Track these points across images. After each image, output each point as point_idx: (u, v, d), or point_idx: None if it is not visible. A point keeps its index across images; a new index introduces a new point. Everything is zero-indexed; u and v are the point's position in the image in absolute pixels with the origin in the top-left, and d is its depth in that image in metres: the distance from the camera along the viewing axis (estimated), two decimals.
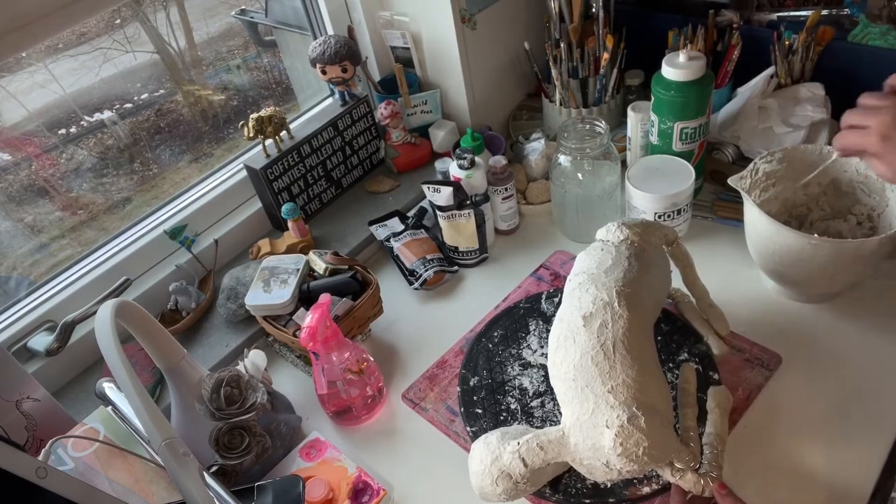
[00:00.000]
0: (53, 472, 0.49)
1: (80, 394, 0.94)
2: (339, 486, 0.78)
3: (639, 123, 1.05)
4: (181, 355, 0.77)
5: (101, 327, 0.60)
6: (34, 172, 1.27)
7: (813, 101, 1.01)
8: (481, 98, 1.23)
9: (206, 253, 1.07)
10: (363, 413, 0.87)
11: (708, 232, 1.03)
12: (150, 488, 0.69)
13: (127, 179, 1.42)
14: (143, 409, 0.56)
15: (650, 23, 1.17)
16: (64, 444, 0.71)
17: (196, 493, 0.54)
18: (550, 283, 1.00)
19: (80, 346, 0.94)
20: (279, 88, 1.70)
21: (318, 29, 1.22)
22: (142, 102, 1.50)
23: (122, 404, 0.74)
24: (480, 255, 1.06)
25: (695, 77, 0.93)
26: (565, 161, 0.99)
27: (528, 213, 1.13)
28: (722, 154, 1.07)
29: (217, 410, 0.75)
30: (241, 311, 0.98)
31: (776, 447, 0.75)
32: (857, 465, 0.72)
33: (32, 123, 1.27)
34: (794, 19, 1.09)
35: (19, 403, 0.77)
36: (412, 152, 1.22)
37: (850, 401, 0.78)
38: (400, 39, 1.20)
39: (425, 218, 1.12)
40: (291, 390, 0.92)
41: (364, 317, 0.93)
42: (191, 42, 1.59)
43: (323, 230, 1.14)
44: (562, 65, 1.16)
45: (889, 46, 1.00)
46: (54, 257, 1.20)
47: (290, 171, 1.10)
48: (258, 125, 1.05)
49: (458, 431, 0.83)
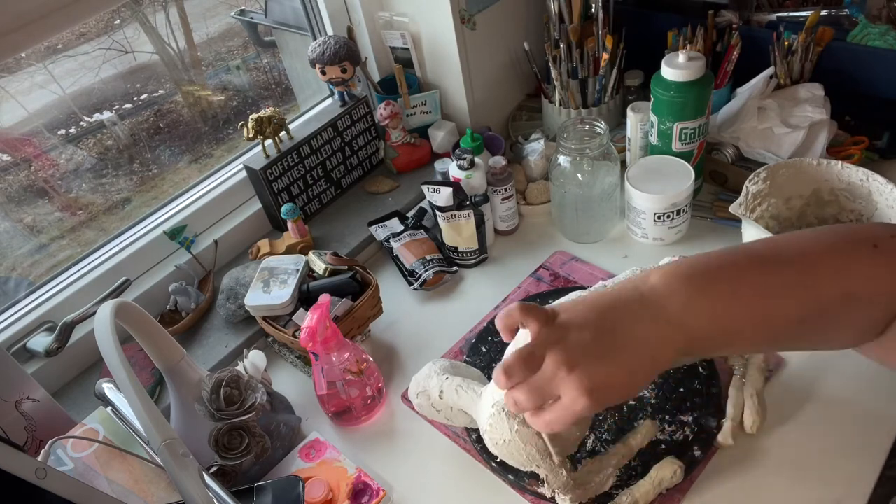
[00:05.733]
0: (53, 472, 0.49)
1: (79, 394, 0.94)
2: (339, 487, 0.78)
3: (638, 124, 1.05)
4: (181, 356, 0.77)
5: (100, 328, 0.60)
6: (34, 173, 1.27)
7: (812, 102, 1.01)
8: (481, 98, 1.23)
9: (205, 253, 1.07)
10: (363, 413, 0.87)
11: (707, 232, 1.03)
12: (149, 489, 0.69)
13: (126, 180, 1.42)
14: (142, 410, 0.55)
15: (650, 23, 1.17)
16: (63, 444, 0.71)
17: (195, 493, 0.54)
18: (550, 284, 1.00)
19: (79, 347, 0.94)
20: (279, 89, 1.70)
21: (318, 29, 1.22)
22: (141, 103, 1.50)
23: (121, 405, 0.73)
24: (480, 256, 1.06)
25: (694, 77, 0.93)
26: (565, 161, 0.99)
27: (528, 214, 1.13)
28: (721, 154, 1.07)
29: (216, 411, 0.75)
30: (240, 312, 0.98)
31: (775, 447, 0.75)
32: (856, 465, 0.72)
33: (32, 124, 1.27)
34: (793, 20, 1.09)
35: (19, 404, 0.77)
36: (412, 153, 1.22)
37: (850, 401, 0.77)
38: (399, 40, 1.20)
39: (425, 218, 1.12)
40: (291, 391, 0.92)
41: (364, 317, 0.93)
42: (190, 42, 1.60)
43: (322, 231, 1.14)
44: (561, 65, 1.16)
45: (888, 47, 1.00)
46: (54, 258, 1.20)
47: (289, 172, 1.10)
48: (258, 126, 1.05)
49: (458, 432, 0.83)
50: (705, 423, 0.77)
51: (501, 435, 0.65)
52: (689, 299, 0.51)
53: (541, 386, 0.51)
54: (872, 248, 0.53)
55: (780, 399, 0.79)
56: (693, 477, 0.73)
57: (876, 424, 0.75)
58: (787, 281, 0.52)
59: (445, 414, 0.76)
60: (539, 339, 0.52)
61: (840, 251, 0.53)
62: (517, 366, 0.51)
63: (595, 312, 0.52)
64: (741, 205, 0.87)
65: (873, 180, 0.85)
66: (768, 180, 0.90)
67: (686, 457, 0.74)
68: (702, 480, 0.73)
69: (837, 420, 0.76)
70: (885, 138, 1.04)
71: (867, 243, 0.53)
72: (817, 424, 0.76)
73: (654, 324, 0.51)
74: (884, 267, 0.52)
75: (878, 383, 0.78)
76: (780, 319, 0.52)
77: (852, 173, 0.87)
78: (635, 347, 0.51)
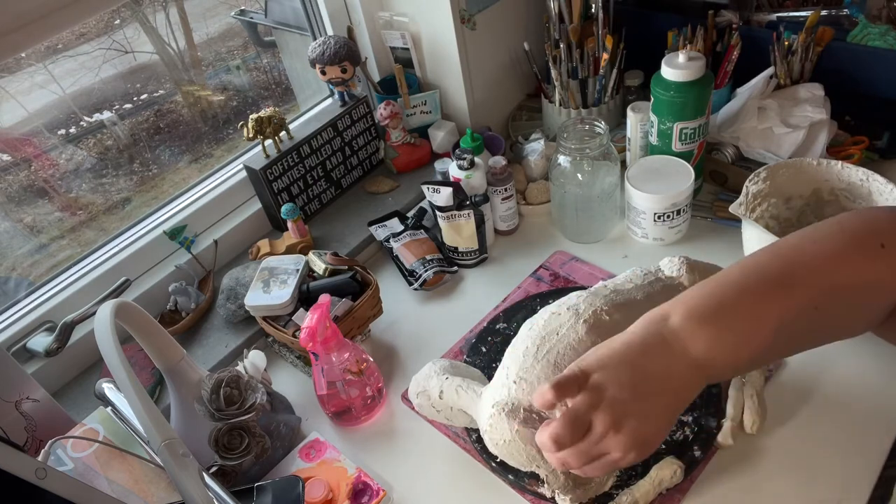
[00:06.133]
0: (53, 472, 0.49)
1: (79, 394, 0.94)
2: (339, 487, 0.78)
3: (638, 124, 1.05)
4: (181, 356, 0.77)
5: (100, 328, 0.60)
6: (34, 173, 1.27)
7: (812, 102, 1.01)
8: (481, 98, 1.23)
9: (205, 253, 1.07)
10: (363, 413, 0.87)
11: (707, 232, 1.03)
12: (149, 489, 0.69)
13: (126, 180, 1.42)
14: (142, 410, 0.56)
15: (650, 23, 1.17)
16: (63, 444, 0.71)
17: (195, 493, 0.54)
18: (550, 284, 1.00)
19: (79, 347, 0.94)
20: (279, 89, 1.70)
21: (318, 29, 1.22)
22: (141, 103, 1.50)
23: (121, 405, 0.74)
24: (480, 256, 1.06)
25: (694, 77, 0.93)
26: (565, 161, 0.99)
27: (528, 214, 1.13)
28: (721, 154, 1.07)
29: (216, 411, 0.75)
30: (240, 312, 0.98)
31: (775, 447, 0.75)
32: (856, 465, 0.72)
33: (32, 124, 1.27)
34: (793, 20, 1.09)
35: (19, 404, 0.77)
36: (412, 153, 1.22)
37: (850, 401, 0.77)
38: (399, 40, 1.20)
39: (425, 218, 1.12)
40: (291, 391, 0.92)
41: (363, 317, 0.93)
42: (190, 42, 1.60)
43: (322, 231, 1.14)
44: (561, 65, 1.16)
45: (888, 47, 1.00)
46: (54, 258, 1.20)
47: (289, 172, 1.10)
48: (258, 126, 1.05)
49: (458, 432, 0.83)
50: (705, 423, 0.77)
51: (501, 435, 0.65)
52: (710, 341, 0.54)
53: (590, 449, 0.53)
54: (880, 248, 0.54)
55: (780, 399, 0.79)
56: (693, 477, 0.73)
57: (876, 424, 0.75)
58: (802, 304, 0.54)
59: (445, 414, 0.76)
60: (582, 406, 0.52)
61: (849, 260, 0.55)
62: (566, 434, 0.52)
63: (627, 367, 0.54)
64: (741, 205, 0.87)
65: (873, 180, 0.85)
66: (768, 180, 0.90)
67: (686, 457, 0.74)
68: (702, 480, 0.73)
69: (837, 420, 0.76)
70: (885, 138, 1.04)
71: (874, 243, 0.54)
72: (817, 424, 0.76)
73: (682, 366, 0.54)
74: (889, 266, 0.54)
75: (878, 383, 0.78)
76: (793, 342, 0.57)
77: (852, 173, 0.87)
78: (669, 390, 0.54)
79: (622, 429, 0.52)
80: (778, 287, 0.54)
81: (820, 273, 0.54)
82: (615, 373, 0.53)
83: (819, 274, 0.54)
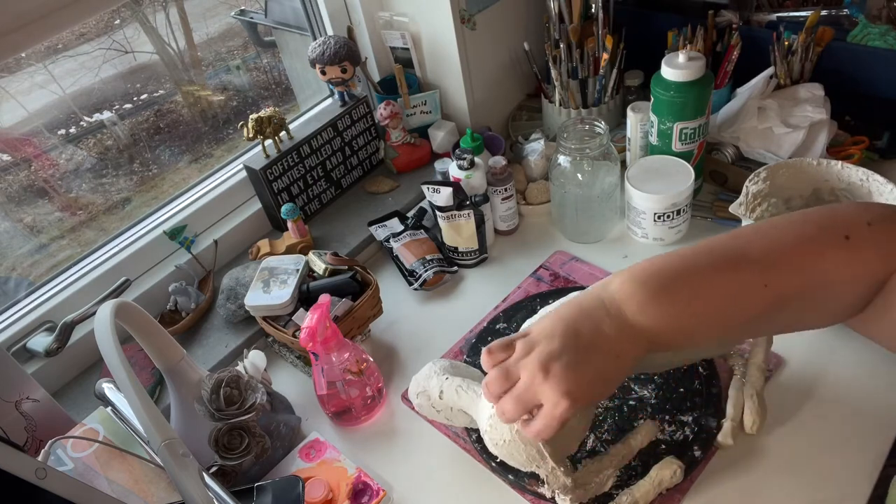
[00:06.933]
0: (53, 472, 0.49)
1: (79, 394, 0.94)
2: (339, 487, 0.78)
3: (638, 124, 1.05)
4: (180, 356, 0.77)
5: (100, 328, 0.60)
6: (34, 173, 1.28)
7: (812, 102, 1.01)
8: (481, 98, 1.23)
9: (205, 253, 1.07)
10: (363, 413, 0.87)
11: (707, 232, 1.03)
12: (149, 489, 0.69)
13: (126, 180, 1.42)
14: (142, 410, 0.56)
15: (650, 23, 1.17)
16: (63, 444, 0.71)
17: (195, 493, 0.54)
18: (550, 284, 1.00)
19: (79, 347, 0.94)
20: (279, 89, 1.70)
21: (318, 29, 1.22)
22: (141, 103, 1.50)
23: (121, 405, 0.73)
24: (480, 256, 1.06)
25: (694, 77, 0.93)
26: (565, 161, 0.99)
27: (528, 214, 1.13)
28: (721, 154, 1.07)
29: (216, 411, 0.75)
30: (240, 312, 0.98)
31: (775, 447, 0.75)
32: (857, 465, 0.72)
33: (32, 124, 1.27)
34: (793, 20, 1.09)
35: (19, 404, 0.77)
36: (412, 153, 1.22)
37: (850, 401, 0.77)
38: (399, 40, 1.20)
39: (425, 218, 1.12)
40: (291, 391, 0.92)
41: (364, 317, 0.93)
42: (190, 42, 1.60)
43: (322, 231, 1.14)
44: (561, 65, 1.16)
45: (888, 47, 1.00)
46: (54, 258, 1.20)
47: (289, 172, 1.10)
48: (258, 125, 1.05)
49: (458, 432, 0.83)
50: (705, 423, 0.77)
51: (501, 435, 0.65)
52: (644, 302, 0.54)
53: (522, 395, 0.54)
54: (843, 239, 0.53)
55: (780, 399, 0.79)
56: (693, 477, 0.73)
57: (876, 424, 0.75)
58: (747, 280, 0.53)
59: (445, 414, 0.76)
60: (513, 357, 0.56)
61: (807, 245, 0.54)
62: (496, 381, 0.56)
63: (560, 322, 0.56)
64: (741, 205, 0.87)
65: (873, 180, 0.85)
66: (768, 180, 0.90)
67: (686, 457, 0.74)
68: (702, 480, 0.73)
69: (837, 420, 0.76)
70: (885, 138, 1.04)
71: (838, 234, 0.53)
72: (817, 424, 0.76)
73: (615, 325, 0.54)
74: (853, 258, 0.53)
75: (878, 383, 0.78)
76: (739, 317, 0.55)
77: (852, 173, 0.87)
78: (600, 347, 0.54)
79: (549, 374, 0.53)
80: (727, 261, 0.54)
81: (775, 254, 0.53)
82: (548, 327, 0.56)
83: (774, 254, 0.53)
